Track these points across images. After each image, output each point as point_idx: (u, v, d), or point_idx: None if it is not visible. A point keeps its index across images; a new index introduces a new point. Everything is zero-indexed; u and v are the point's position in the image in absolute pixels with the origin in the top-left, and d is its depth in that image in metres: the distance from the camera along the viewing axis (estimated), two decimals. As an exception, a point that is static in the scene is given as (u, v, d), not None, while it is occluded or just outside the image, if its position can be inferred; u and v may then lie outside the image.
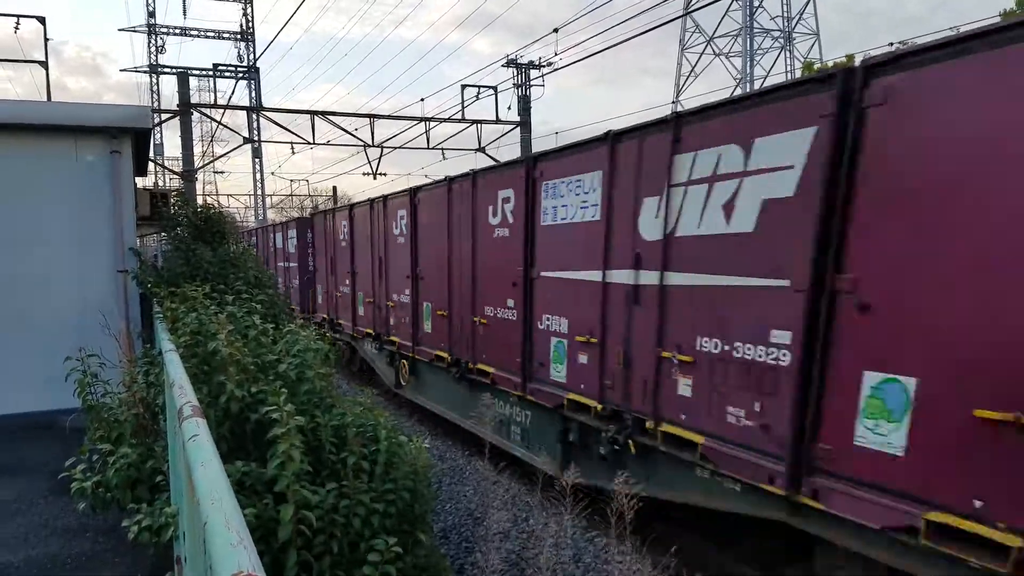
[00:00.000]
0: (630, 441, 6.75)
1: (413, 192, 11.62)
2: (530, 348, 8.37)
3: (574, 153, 7.43)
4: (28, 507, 6.23)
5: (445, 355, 10.64)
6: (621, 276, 6.83)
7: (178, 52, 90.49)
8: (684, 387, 6.04)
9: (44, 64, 17.51)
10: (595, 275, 7.13)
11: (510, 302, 8.73)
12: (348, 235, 15.18)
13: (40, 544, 5.50)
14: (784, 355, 5.09)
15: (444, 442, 11.25)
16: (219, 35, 44.54)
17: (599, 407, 7.16)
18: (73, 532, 5.72)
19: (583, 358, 7.43)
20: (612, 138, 6.84)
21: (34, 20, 17.61)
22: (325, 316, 17.57)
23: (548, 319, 8.01)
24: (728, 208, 5.54)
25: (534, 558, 6.86)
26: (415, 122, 25.67)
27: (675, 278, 6.14)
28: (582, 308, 7.38)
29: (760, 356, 5.29)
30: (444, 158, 26.92)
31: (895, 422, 4.37)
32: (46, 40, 17.65)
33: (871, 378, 4.52)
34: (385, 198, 12.80)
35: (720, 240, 5.63)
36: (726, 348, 5.60)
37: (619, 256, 6.83)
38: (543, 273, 8.07)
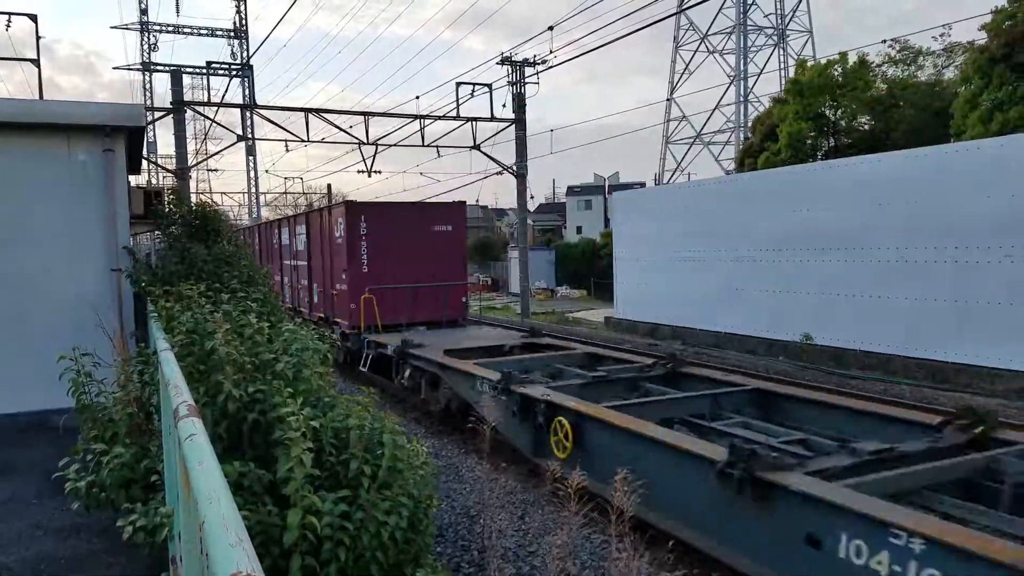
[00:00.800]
0: None
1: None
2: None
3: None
4: (21, 507, 6.20)
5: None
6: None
7: (171, 50, 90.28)
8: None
9: (36, 62, 17.41)
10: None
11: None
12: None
13: (34, 544, 5.47)
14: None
15: (439, 439, 11.24)
16: (212, 32, 44.42)
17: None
18: (67, 532, 5.68)
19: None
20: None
21: (26, 18, 17.51)
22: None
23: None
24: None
25: (529, 556, 6.85)
26: (410, 120, 25.64)
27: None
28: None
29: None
30: (439, 155, 26.92)
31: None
32: (38, 38, 17.54)
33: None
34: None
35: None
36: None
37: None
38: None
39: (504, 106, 26.74)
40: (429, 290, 15.22)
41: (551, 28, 20.90)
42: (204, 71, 24.86)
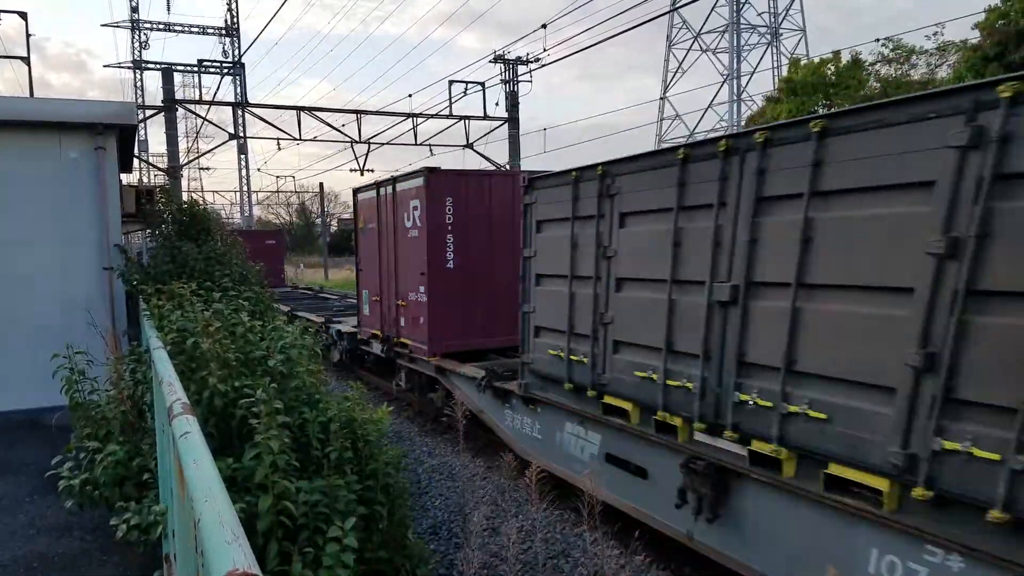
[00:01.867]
0: None
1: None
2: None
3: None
4: (14, 505, 6.19)
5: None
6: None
7: (162, 48, 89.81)
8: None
9: (26, 60, 17.34)
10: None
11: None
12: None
13: (27, 543, 5.47)
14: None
15: (434, 438, 11.25)
16: (203, 30, 44.21)
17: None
18: (60, 530, 5.68)
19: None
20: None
21: (16, 16, 17.43)
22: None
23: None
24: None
25: (522, 554, 6.89)
26: (402, 118, 25.63)
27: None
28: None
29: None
30: (432, 154, 26.91)
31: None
32: (28, 36, 17.47)
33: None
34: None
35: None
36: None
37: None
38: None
39: (497, 104, 26.78)
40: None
41: (544, 26, 20.87)
42: (196, 69, 24.78)
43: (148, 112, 24.59)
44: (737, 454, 5.24)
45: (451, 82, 25.45)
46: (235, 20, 43.70)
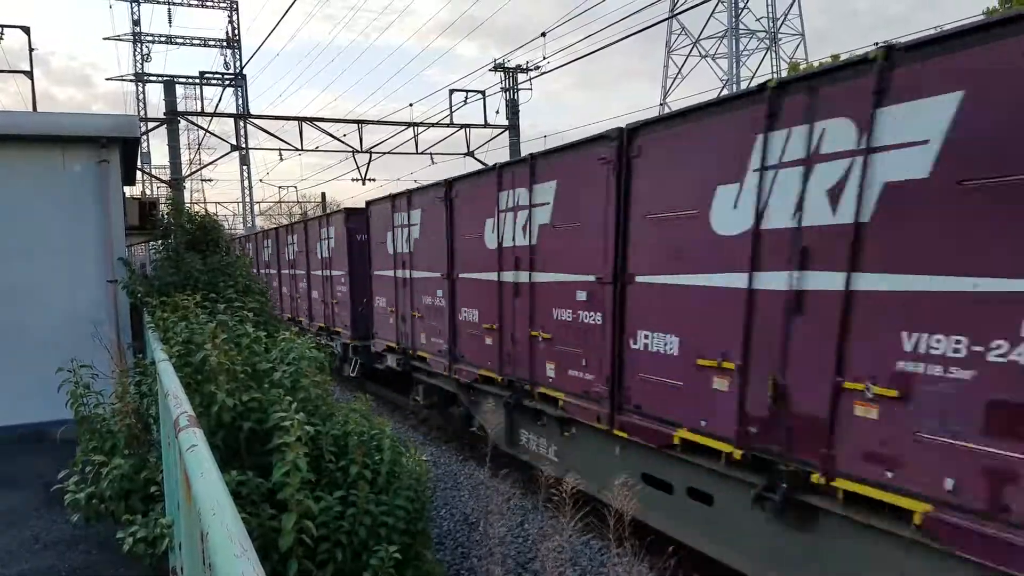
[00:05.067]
0: None
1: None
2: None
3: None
4: (20, 520, 6.18)
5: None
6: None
7: (164, 60, 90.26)
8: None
9: (29, 74, 17.42)
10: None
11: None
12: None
13: (33, 558, 5.46)
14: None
15: (438, 447, 11.23)
16: (205, 43, 44.36)
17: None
18: (66, 545, 5.67)
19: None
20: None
21: (19, 30, 17.52)
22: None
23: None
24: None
25: (529, 563, 6.86)
26: (403, 127, 25.66)
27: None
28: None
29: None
30: (433, 163, 26.95)
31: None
32: (31, 50, 17.56)
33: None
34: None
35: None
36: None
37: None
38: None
39: (497, 112, 26.80)
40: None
41: (544, 34, 20.95)
42: (198, 81, 24.86)
43: (150, 124, 24.68)
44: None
45: (452, 91, 25.49)
46: (236, 32, 43.85)
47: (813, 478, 4.80)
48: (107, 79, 75.53)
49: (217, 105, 23.98)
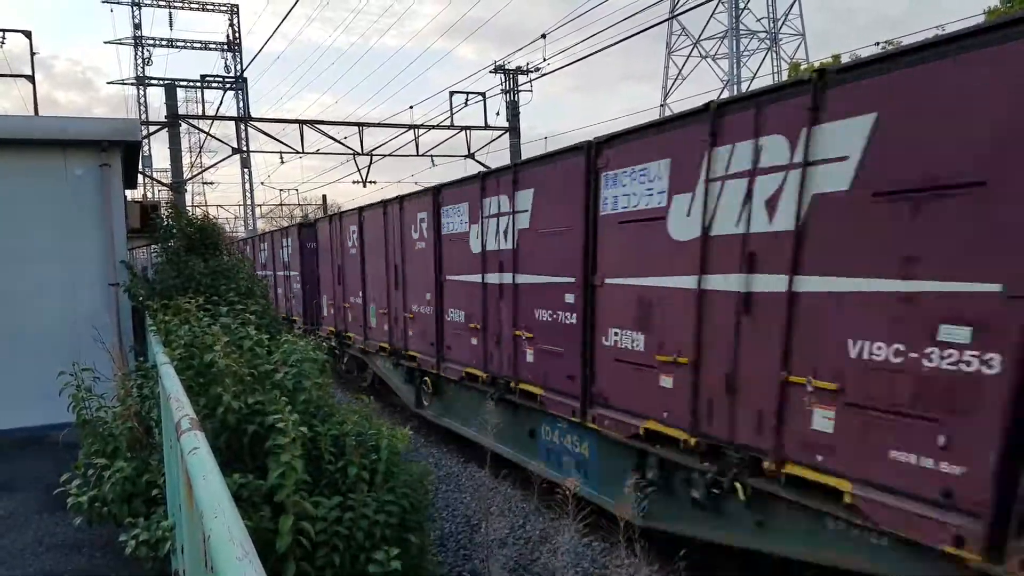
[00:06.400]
0: None
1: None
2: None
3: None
4: (23, 523, 6.19)
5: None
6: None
7: (165, 64, 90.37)
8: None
9: (31, 78, 17.46)
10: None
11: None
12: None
13: (36, 561, 5.46)
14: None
15: (440, 449, 11.23)
16: (205, 46, 44.43)
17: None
18: (69, 548, 5.68)
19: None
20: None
21: (21, 35, 17.56)
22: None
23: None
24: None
25: (531, 564, 6.86)
26: (404, 129, 25.69)
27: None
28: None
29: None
30: (434, 165, 26.95)
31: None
32: (32, 54, 17.61)
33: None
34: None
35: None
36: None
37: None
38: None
39: (498, 114, 26.82)
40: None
41: (544, 36, 20.92)
42: (199, 84, 24.90)
43: (152, 128, 24.72)
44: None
45: (452, 93, 25.51)
46: (237, 35, 43.90)
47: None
48: (108, 83, 75.67)
49: (218, 108, 24.03)
